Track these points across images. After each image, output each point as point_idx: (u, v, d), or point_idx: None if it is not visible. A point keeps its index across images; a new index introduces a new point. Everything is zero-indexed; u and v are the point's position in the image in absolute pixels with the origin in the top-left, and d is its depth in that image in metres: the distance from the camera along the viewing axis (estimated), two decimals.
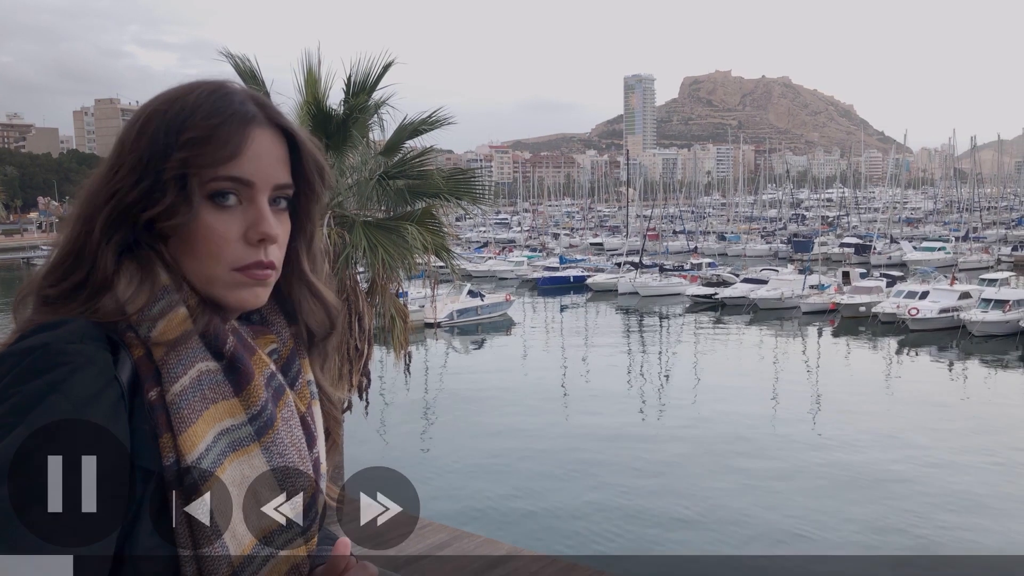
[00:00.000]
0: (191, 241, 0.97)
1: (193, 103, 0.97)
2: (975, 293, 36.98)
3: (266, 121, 1.00)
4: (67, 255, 0.97)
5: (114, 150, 0.99)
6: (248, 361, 1.00)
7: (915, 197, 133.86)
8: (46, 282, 0.97)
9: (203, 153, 0.95)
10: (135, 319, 0.94)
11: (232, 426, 0.96)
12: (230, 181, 0.97)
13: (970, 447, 19.84)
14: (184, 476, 0.91)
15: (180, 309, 0.96)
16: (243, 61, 7.79)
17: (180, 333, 0.95)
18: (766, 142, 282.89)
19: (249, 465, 0.96)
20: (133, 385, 0.92)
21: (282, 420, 1.01)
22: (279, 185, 1.01)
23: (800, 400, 25.05)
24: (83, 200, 0.98)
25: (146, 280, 0.95)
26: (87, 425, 0.85)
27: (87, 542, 0.83)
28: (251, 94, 1.02)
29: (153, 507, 0.90)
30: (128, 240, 0.96)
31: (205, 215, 0.96)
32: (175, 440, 0.91)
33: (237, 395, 0.98)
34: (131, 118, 1.00)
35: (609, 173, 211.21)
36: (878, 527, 15.30)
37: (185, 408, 0.93)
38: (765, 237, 78.78)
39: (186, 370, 0.94)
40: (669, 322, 42.46)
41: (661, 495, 16.88)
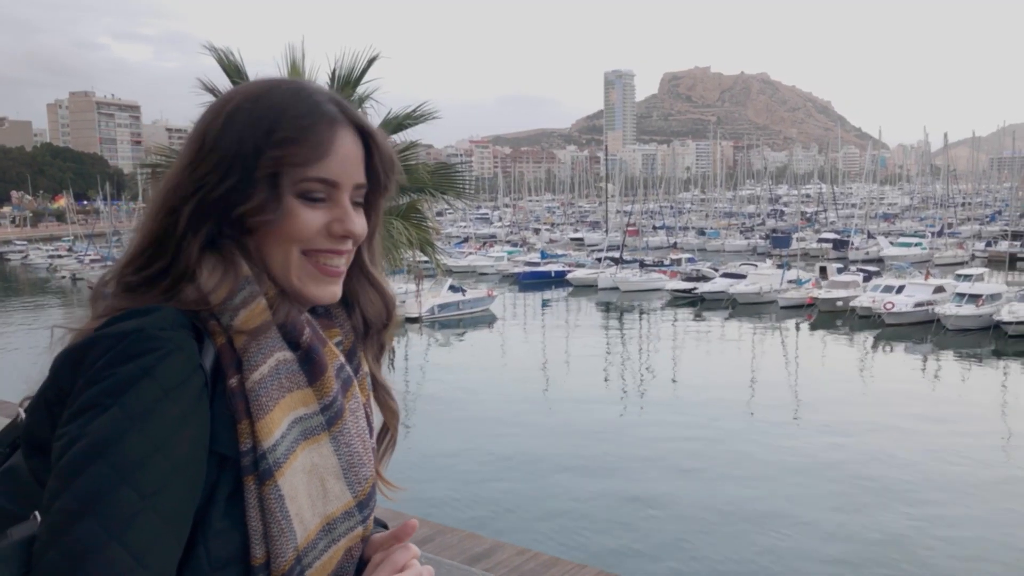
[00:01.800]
0: (276, 234, 1.01)
1: (280, 102, 1.01)
2: (949, 288, 37.51)
3: (347, 121, 1.04)
4: (149, 244, 1.00)
5: (194, 144, 1.01)
6: (322, 352, 1.03)
7: (892, 193, 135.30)
8: (127, 269, 1.00)
9: (295, 153, 0.99)
10: (218, 308, 0.97)
11: (305, 415, 1.00)
12: (319, 182, 1.01)
13: (943, 438, 20.15)
14: (260, 462, 0.95)
15: (261, 299, 0.99)
16: (227, 55, 7.78)
17: (261, 323, 0.98)
18: (745, 138, 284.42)
19: (318, 453, 1.01)
20: (215, 372, 0.95)
21: (349, 411, 1.06)
22: (359, 184, 1.06)
23: (778, 393, 25.31)
24: (165, 191, 1.00)
25: (229, 271, 0.98)
26: (174, 409, 0.89)
27: (168, 522, 0.87)
28: (330, 94, 1.06)
29: (226, 491, 0.94)
30: (212, 232, 0.99)
31: (293, 211, 1.00)
32: (253, 426, 0.95)
33: (311, 385, 1.01)
34: (209, 113, 1.02)
35: (589, 168, 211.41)
36: (853, 514, 15.55)
37: (263, 396, 0.96)
38: (744, 233, 79.37)
39: (265, 359, 0.98)
40: (649, 317, 42.70)
41: (641, 489, 17.03)
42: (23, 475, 0.94)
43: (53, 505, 0.84)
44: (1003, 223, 71.14)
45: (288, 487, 0.97)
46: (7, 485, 0.95)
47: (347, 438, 1.04)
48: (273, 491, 0.95)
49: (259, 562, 0.95)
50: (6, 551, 0.86)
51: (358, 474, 1.04)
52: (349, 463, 1.03)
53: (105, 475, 0.84)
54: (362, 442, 1.06)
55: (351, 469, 1.04)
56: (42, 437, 0.92)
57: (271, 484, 0.95)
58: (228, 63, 7.77)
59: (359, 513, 1.05)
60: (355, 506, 1.04)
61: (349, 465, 1.03)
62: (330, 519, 1.01)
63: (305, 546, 0.98)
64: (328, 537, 1.01)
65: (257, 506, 0.95)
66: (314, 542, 0.99)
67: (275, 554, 0.95)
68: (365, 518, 1.06)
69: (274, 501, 0.95)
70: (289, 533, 0.96)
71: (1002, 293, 36.05)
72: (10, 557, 0.85)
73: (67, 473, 0.85)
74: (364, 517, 1.06)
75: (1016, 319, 32.67)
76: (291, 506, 0.97)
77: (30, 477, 0.93)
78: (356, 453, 1.05)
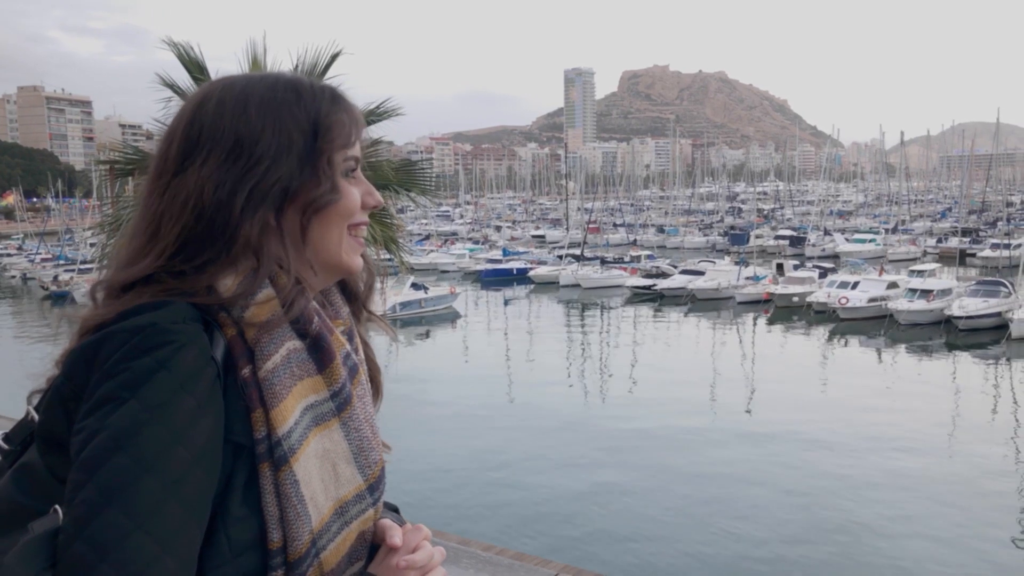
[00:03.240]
0: (333, 213, 1.08)
1: (311, 92, 1.08)
2: (903, 283, 38.36)
3: (352, 106, 1.14)
4: (189, 240, 1.01)
5: (226, 139, 1.03)
6: (330, 340, 1.07)
7: (847, 190, 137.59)
8: (177, 262, 1.00)
9: (340, 135, 1.08)
10: (229, 301, 0.99)
11: (316, 402, 1.03)
12: (354, 160, 1.12)
13: (894, 428, 20.61)
14: (275, 449, 0.98)
15: (270, 292, 1.01)
16: (187, 50, 7.68)
17: (271, 315, 1.01)
18: (703, 136, 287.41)
19: (330, 439, 1.04)
20: (226, 363, 0.98)
21: (357, 397, 1.09)
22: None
23: (735, 386, 25.70)
24: (200, 191, 1.01)
25: (259, 263, 1.02)
26: (191, 401, 0.92)
27: (190, 510, 0.90)
28: (326, 83, 1.14)
29: (242, 479, 0.97)
30: (265, 219, 1.03)
31: (345, 190, 1.09)
32: (267, 415, 0.98)
33: (320, 372, 1.04)
34: (228, 108, 1.04)
35: (550, 166, 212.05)
36: (809, 507, 15.86)
37: (277, 384, 0.99)
38: (703, 230, 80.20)
39: (277, 348, 1.00)
40: (610, 313, 43.03)
41: (605, 483, 17.18)
42: (39, 471, 0.96)
43: (76, 497, 0.86)
44: (953, 220, 72.95)
45: (302, 472, 0.99)
46: (24, 481, 0.97)
47: (356, 423, 1.07)
48: (288, 476, 0.98)
49: (276, 546, 0.98)
50: (32, 545, 0.87)
51: (368, 458, 1.08)
52: (359, 447, 1.07)
53: (127, 466, 0.86)
54: (370, 427, 1.10)
55: (361, 453, 1.07)
56: (58, 433, 0.94)
57: (286, 470, 0.98)
58: (189, 59, 7.67)
59: (370, 496, 1.08)
60: (366, 489, 1.07)
61: (359, 449, 1.07)
62: (342, 502, 1.04)
63: (320, 529, 1.01)
64: (341, 520, 1.04)
65: (273, 492, 0.98)
66: (328, 525, 1.02)
67: (291, 538, 0.98)
68: (375, 500, 1.10)
69: (290, 486, 0.98)
70: (304, 517, 0.99)
71: (953, 288, 36.96)
72: (36, 550, 0.87)
73: (89, 466, 0.87)
74: (375, 500, 1.09)
75: (966, 313, 33.52)
76: (306, 491, 0.99)
77: (46, 473, 0.95)
78: (365, 438, 1.08)
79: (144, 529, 0.85)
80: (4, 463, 1.02)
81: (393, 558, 1.09)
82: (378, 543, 1.11)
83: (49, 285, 50.00)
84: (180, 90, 7.88)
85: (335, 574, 1.05)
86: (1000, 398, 25.24)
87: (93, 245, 43.02)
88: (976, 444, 19.96)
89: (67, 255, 60.23)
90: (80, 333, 0.99)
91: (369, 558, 1.10)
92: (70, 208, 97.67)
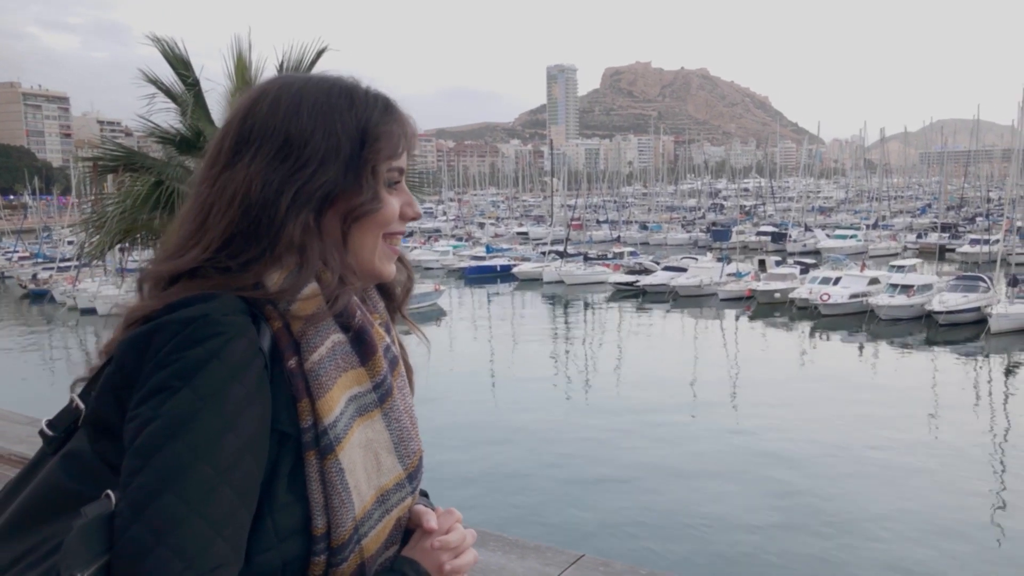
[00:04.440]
0: (372, 222, 1.10)
1: (364, 99, 1.11)
2: (884, 279, 38.67)
3: (402, 117, 1.15)
4: (235, 235, 1.04)
5: (273, 138, 1.06)
6: (373, 334, 1.10)
7: (827, 187, 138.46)
8: (222, 256, 1.03)
9: (387, 146, 1.10)
10: (276, 295, 1.02)
11: (359, 392, 1.07)
12: (398, 172, 1.13)
13: (876, 423, 20.81)
14: (321, 438, 1.01)
15: (315, 287, 1.04)
16: (172, 47, 7.64)
17: (316, 309, 1.03)
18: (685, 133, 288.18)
19: (372, 429, 1.08)
20: (272, 354, 1.01)
21: (397, 388, 1.13)
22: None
23: (717, 382, 25.83)
24: (248, 187, 1.04)
25: (304, 261, 1.04)
26: (242, 390, 0.95)
27: (241, 496, 0.94)
28: (379, 91, 1.15)
29: (287, 467, 1.00)
30: (307, 220, 1.05)
31: (386, 199, 1.11)
32: (313, 405, 1.01)
33: (363, 365, 1.08)
34: (282, 107, 1.07)
35: (533, 163, 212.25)
36: (790, 500, 15.99)
37: (323, 376, 1.02)
38: (685, 226, 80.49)
39: (323, 341, 1.03)
40: (593, 309, 43.14)
41: (587, 477, 17.24)
42: (88, 457, 0.99)
43: (133, 483, 0.90)
44: (933, 216, 73.56)
45: (347, 461, 1.02)
46: (73, 467, 0.99)
47: (397, 414, 1.11)
48: (334, 465, 1.01)
49: (320, 532, 1.01)
50: (89, 528, 0.90)
51: (407, 448, 1.11)
52: (399, 438, 1.10)
53: (182, 453, 0.90)
54: (409, 418, 1.14)
55: (401, 443, 1.10)
56: (110, 420, 0.97)
57: (332, 458, 1.01)
58: (173, 55, 7.63)
59: (409, 484, 1.12)
60: (405, 478, 1.11)
61: (399, 439, 1.10)
62: (384, 491, 1.08)
63: (362, 516, 1.04)
64: (382, 508, 1.08)
65: (318, 479, 1.01)
66: (370, 512, 1.06)
67: (335, 524, 1.02)
68: (414, 489, 1.13)
69: (335, 474, 1.01)
70: (349, 504, 1.02)
71: (933, 284, 37.32)
72: (93, 533, 0.90)
73: (145, 452, 0.90)
74: (413, 488, 1.13)
75: (946, 308, 33.86)
76: (350, 479, 1.03)
77: (96, 459, 0.98)
78: (405, 428, 1.11)
79: (199, 513, 0.89)
80: (47, 449, 1.04)
81: (427, 540, 1.12)
82: (412, 527, 1.14)
83: (27, 283, 49.55)
84: (164, 86, 7.84)
85: (373, 559, 1.08)
86: (980, 392, 25.53)
87: (71, 243, 42.62)
88: (956, 438, 20.18)
89: (45, 253, 59.71)
90: (127, 323, 1.02)
91: (403, 542, 1.14)
92: (48, 205, 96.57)
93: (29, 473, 1.05)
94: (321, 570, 1.03)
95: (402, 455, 1.11)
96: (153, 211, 7.71)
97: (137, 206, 7.62)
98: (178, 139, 8.01)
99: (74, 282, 44.62)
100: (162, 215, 7.75)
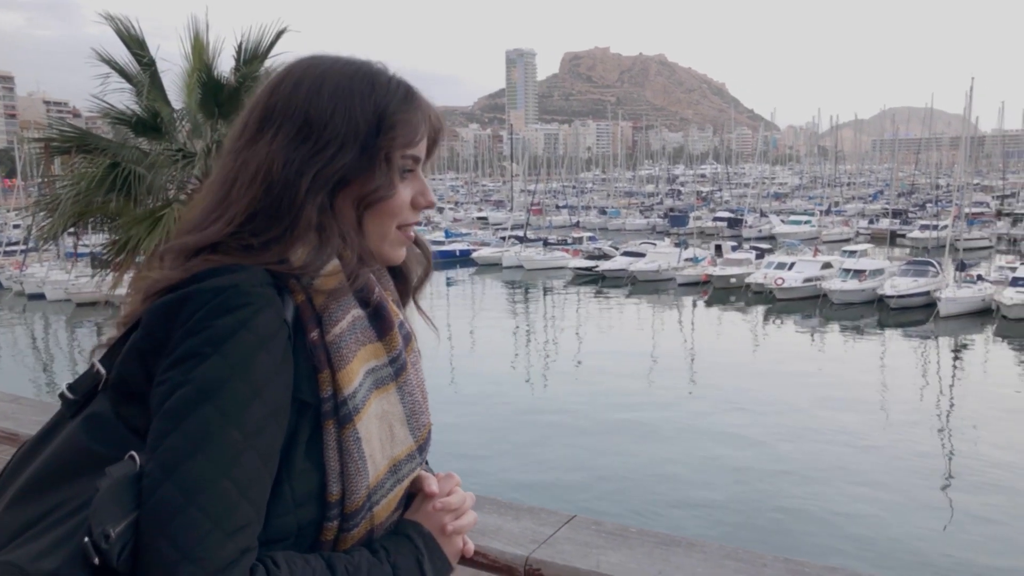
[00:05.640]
0: (383, 208, 1.12)
1: (385, 86, 1.13)
2: (837, 264, 39.40)
3: (420, 101, 1.17)
4: (258, 212, 1.06)
5: (295, 118, 1.08)
6: (390, 310, 1.14)
7: (782, 173, 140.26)
8: (244, 233, 1.06)
9: (404, 134, 1.12)
10: (299, 270, 1.05)
11: (376, 366, 1.10)
12: (412, 159, 1.15)
13: (827, 404, 21.26)
14: (340, 408, 1.04)
15: (337, 263, 1.08)
16: (126, 25, 7.45)
17: (337, 284, 1.07)
18: (643, 119, 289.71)
19: (388, 401, 1.12)
20: (295, 327, 1.04)
21: (411, 364, 1.17)
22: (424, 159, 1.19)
23: (674, 365, 26.16)
24: (265, 163, 1.07)
25: (323, 240, 1.07)
26: (269, 359, 0.98)
27: (265, 461, 0.97)
28: (403, 79, 1.17)
29: (306, 435, 1.03)
30: (323, 203, 1.08)
31: (398, 187, 1.13)
32: (334, 376, 1.04)
33: (380, 339, 1.11)
34: (304, 87, 1.10)
35: (492, 147, 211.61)
36: (743, 476, 16.29)
37: (344, 348, 1.06)
38: (643, 212, 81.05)
39: (344, 315, 1.07)
40: (553, 294, 43.30)
41: (549, 460, 17.36)
42: (110, 420, 1.02)
43: (162, 444, 0.94)
44: (884, 202, 75.02)
45: (364, 431, 1.06)
46: (95, 430, 1.03)
47: (410, 388, 1.15)
48: (352, 434, 1.05)
49: (335, 498, 1.05)
50: (118, 487, 0.93)
51: (419, 420, 1.15)
52: (412, 411, 1.15)
53: (212, 417, 0.94)
54: (421, 392, 1.18)
55: (413, 416, 1.15)
56: (136, 385, 1.00)
57: (350, 428, 1.05)
58: (128, 35, 7.44)
59: (419, 456, 1.16)
60: (416, 449, 1.15)
61: (412, 412, 1.15)
62: (396, 461, 1.12)
63: (375, 485, 1.08)
64: (394, 477, 1.12)
65: (336, 448, 1.04)
66: (382, 481, 1.10)
67: (350, 491, 1.06)
68: (423, 460, 1.18)
69: (352, 443, 1.05)
70: (364, 472, 1.06)
71: (884, 268, 38.13)
72: (123, 491, 0.93)
73: (175, 415, 0.94)
74: (422, 459, 1.17)
75: (897, 293, 34.64)
76: (366, 448, 1.07)
77: (119, 422, 1.01)
78: (416, 402, 1.16)
79: (227, 476, 0.93)
80: (66, 413, 1.08)
81: (429, 503, 1.17)
82: (413, 492, 1.18)
83: None
84: (118, 66, 7.66)
85: (382, 527, 1.12)
86: (928, 373, 26.22)
87: (18, 227, 41.45)
88: (905, 416, 20.71)
89: None
90: (148, 294, 1.04)
91: (406, 507, 1.18)
92: None
93: (46, 436, 1.08)
94: (332, 535, 1.07)
95: (414, 427, 1.14)
96: (108, 193, 7.54)
97: (92, 188, 7.44)
98: (134, 120, 7.83)
99: (21, 267, 43.51)
100: (118, 197, 7.58)
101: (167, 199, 8.10)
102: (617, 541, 1.37)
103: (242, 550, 0.93)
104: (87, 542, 0.90)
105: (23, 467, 1.05)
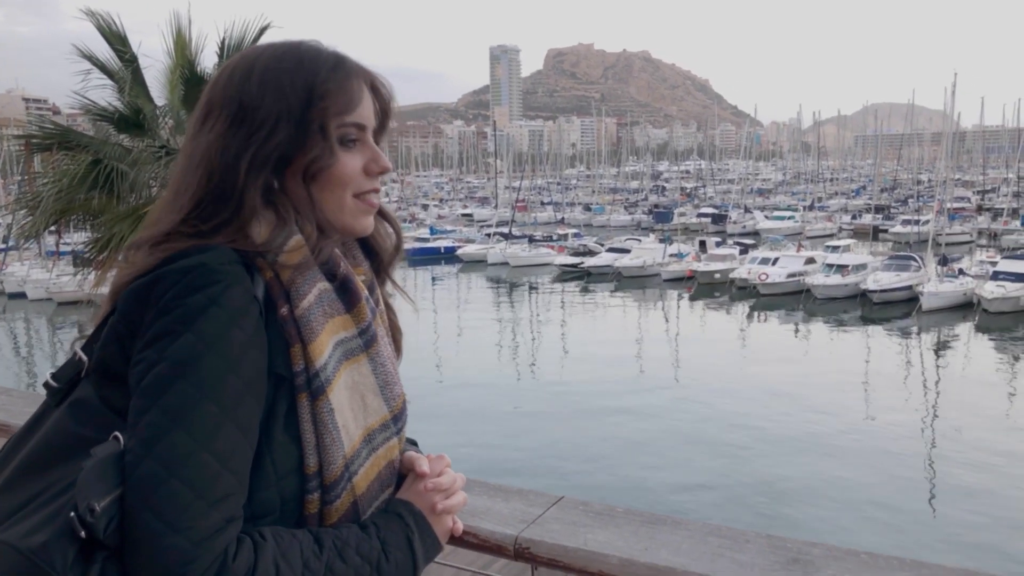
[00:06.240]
0: (330, 178, 1.13)
1: (310, 59, 1.14)
2: (820, 259, 39.67)
3: (360, 71, 1.18)
4: (203, 199, 1.09)
5: (229, 106, 1.11)
6: (357, 282, 1.16)
7: (766, 169, 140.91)
8: (192, 220, 1.08)
9: (337, 102, 1.12)
10: (263, 247, 1.08)
11: (345, 338, 1.13)
12: (354, 127, 1.15)
13: (812, 398, 21.43)
14: (312, 380, 1.07)
15: (299, 238, 1.10)
16: (107, 21, 7.40)
17: (302, 259, 1.09)
18: (627, 115, 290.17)
19: (359, 372, 1.14)
20: (266, 303, 1.07)
21: (380, 336, 1.19)
22: (374, 127, 1.20)
23: (659, 360, 26.26)
24: (206, 152, 1.10)
25: (281, 218, 1.10)
26: (240, 334, 1.01)
27: (245, 433, 1.00)
28: (335, 50, 1.19)
29: (283, 408, 1.06)
30: (269, 181, 1.11)
31: (340, 156, 1.14)
32: (305, 349, 1.07)
33: (348, 312, 1.14)
34: (235, 77, 1.13)
35: (477, 144, 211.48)
36: (727, 466, 16.43)
37: (312, 321, 1.08)
38: (628, 208, 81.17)
39: (310, 288, 1.10)
40: (538, 291, 43.34)
41: (537, 447, 17.41)
42: (93, 404, 1.05)
43: (141, 421, 0.96)
44: (867, 197, 75.53)
45: (336, 401, 1.09)
46: (80, 414, 1.06)
47: (381, 359, 1.17)
48: (325, 405, 1.08)
49: (312, 470, 1.08)
50: (103, 465, 0.96)
51: (392, 391, 1.18)
52: (384, 381, 1.17)
53: (189, 392, 0.96)
54: (392, 364, 1.21)
55: (386, 386, 1.17)
56: (115, 368, 1.03)
57: (323, 399, 1.08)
58: (110, 31, 7.40)
59: (394, 425, 1.18)
60: (391, 419, 1.18)
61: (384, 383, 1.17)
62: (370, 430, 1.15)
63: (351, 455, 1.11)
64: (369, 447, 1.14)
65: (310, 420, 1.07)
66: (358, 451, 1.12)
67: (327, 462, 1.08)
68: (399, 430, 1.20)
69: (326, 414, 1.08)
70: (339, 443, 1.09)
71: (867, 263, 38.39)
72: (106, 469, 0.95)
73: (152, 392, 0.97)
74: (398, 429, 1.20)
75: (880, 287, 34.91)
76: (339, 418, 1.09)
77: (102, 405, 1.04)
78: (389, 373, 1.18)
79: (206, 448, 0.96)
80: (51, 402, 1.11)
81: (420, 483, 1.20)
82: (405, 472, 1.22)
83: None
84: (100, 62, 7.61)
85: (367, 499, 1.15)
86: (911, 367, 26.44)
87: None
88: (888, 410, 20.90)
89: None
90: (120, 283, 1.07)
91: (397, 487, 1.21)
92: None
93: (33, 425, 1.10)
94: (316, 508, 1.09)
95: (387, 397, 1.17)
96: (91, 191, 7.49)
97: (73, 186, 7.39)
98: (116, 117, 7.78)
99: (1, 266, 43.10)
100: (100, 195, 7.54)
101: (150, 196, 8.06)
102: (604, 520, 1.40)
103: (226, 519, 0.96)
104: (73, 516, 0.93)
105: (12, 456, 1.08)
